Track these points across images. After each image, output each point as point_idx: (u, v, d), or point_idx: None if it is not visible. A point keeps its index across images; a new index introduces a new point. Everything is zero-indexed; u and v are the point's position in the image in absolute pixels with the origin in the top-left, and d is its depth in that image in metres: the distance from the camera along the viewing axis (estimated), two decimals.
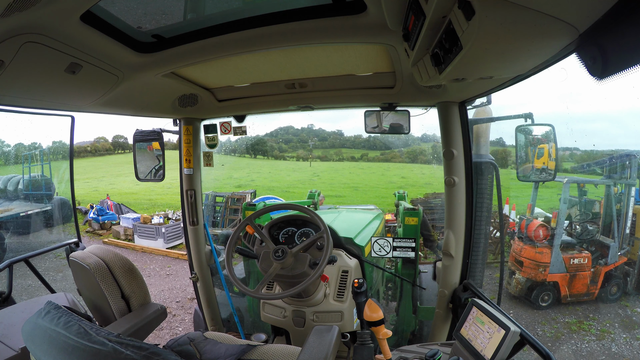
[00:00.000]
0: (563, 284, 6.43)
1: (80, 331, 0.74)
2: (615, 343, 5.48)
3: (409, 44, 1.07)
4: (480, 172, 1.95)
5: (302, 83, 1.89)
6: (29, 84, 1.30)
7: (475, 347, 1.29)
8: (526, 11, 0.64)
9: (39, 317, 0.80)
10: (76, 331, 0.74)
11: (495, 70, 1.00)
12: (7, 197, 10.60)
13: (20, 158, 11.74)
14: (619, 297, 6.65)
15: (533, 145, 1.90)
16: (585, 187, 7.57)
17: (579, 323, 6.01)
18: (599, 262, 6.65)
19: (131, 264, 1.89)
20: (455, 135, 1.82)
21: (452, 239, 1.89)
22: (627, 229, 6.89)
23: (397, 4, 0.99)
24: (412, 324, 3.06)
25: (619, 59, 0.63)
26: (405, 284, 3.00)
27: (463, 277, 1.93)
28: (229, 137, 2.46)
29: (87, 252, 1.82)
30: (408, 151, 38.63)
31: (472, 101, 1.80)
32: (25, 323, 0.81)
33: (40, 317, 0.80)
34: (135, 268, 1.89)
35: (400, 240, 2.27)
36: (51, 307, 0.81)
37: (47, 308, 0.81)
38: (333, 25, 1.22)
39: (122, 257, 1.87)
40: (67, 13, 0.99)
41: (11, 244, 8.68)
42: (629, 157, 7.24)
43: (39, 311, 0.81)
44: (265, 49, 1.38)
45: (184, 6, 1.31)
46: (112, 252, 1.86)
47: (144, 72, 1.51)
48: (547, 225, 6.77)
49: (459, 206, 1.86)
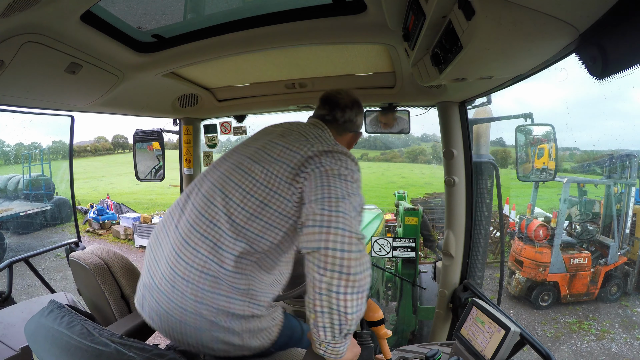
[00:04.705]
0: (563, 283, 6.43)
1: (82, 331, 0.74)
2: (615, 343, 5.48)
3: (409, 44, 1.07)
4: (480, 172, 1.95)
5: (302, 83, 1.89)
6: (29, 84, 1.30)
7: (475, 347, 1.29)
8: (526, 11, 0.64)
9: (41, 315, 0.80)
10: (79, 331, 0.74)
11: (495, 70, 1.00)
12: (7, 197, 10.59)
13: (20, 158, 11.74)
14: (619, 297, 6.66)
15: (533, 145, 1.90)
16: (585, 187, 7.58)
17: (579, 323, 6.01)
18: (599, 262, 6.65)
19: (131, 264, 1.89)
20: (455, 135, 1.82)
21: (452, 239, 1.89)
22: (627, 229, 6.90)
23: (397, 4, 0.99)
24: (412, 324, 3.06)
25: (619, 59, 0.63)
26: (405, 283, 3.01)
27: (463, 277, 1.93)
28: (229, 137, 2.46)
29: (87, 252, 1.82)
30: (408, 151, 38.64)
31: (472, 101, 1.80)
32: (28, 321, 0.80)
33: (43, 316, 0.79)
34: (136, 268, 1.89)
35: (400, 240, 2.28)
36: (54, 306, 0.80)
37: (50, 307, 0.80)
38: (333, 25, 1.22)
39: (122, 257, 1.87)
40: (67, 13, 0.99)
41: (11, 243, 8.69)
42: (629, 157, 7.24)
43: (42, 310, 0.80)
44: (265, 49, 1.38)
45: (184, 6, 1.31)
46: (112, 252, 1.86)
47: (144, 72, 1.51)
48: (547, 225, 6.77)
49: (459, 206, 1.86)
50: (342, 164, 0.97)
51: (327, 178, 0.91)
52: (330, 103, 1.23)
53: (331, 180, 0.91)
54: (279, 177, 0.95)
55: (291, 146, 1.00)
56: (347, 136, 1.26)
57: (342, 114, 1.22)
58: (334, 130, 1.20)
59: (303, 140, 1.04)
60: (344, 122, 1.23)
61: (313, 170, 0.94)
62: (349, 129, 1.25)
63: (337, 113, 1.22)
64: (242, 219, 0.93)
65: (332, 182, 0.90)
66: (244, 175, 0.99)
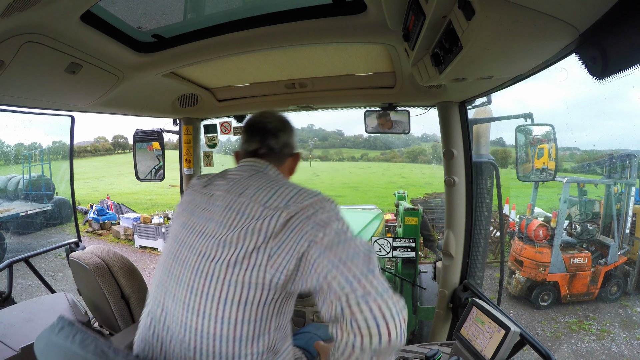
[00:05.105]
0: (563, 283, 6.43)
1: (97, 351, 0.71)
2: (615, 343, 5.48)
3: (409, 44, 1.07)
4: (480, 172, 1.95)
5: (302, 83, 1.89)
6: (29, 84, 1.30)
7: (475, 347, 1.29)
8: (526, 11, 0.64)
9: (52, 332, 0.77)
10: (93, 351, 0.71)
11: (495, 70, 1.00)
12: (7, 197, 10.60)
13: (20, 158, 11.74)
14: (619, 297, 6.66)
15: (533, 145, 1.90)
16: (585, 186, 7.58)
17: (579, 323, 6.01)
18: (599, 261, 6.65)
19: (131, 264, 1.89)
20: (455, 135, 1.82)
21: (452, 239, 1.89)
22: (627, 229, 6.90)
23: (397, 4, 0.99)
24: (412, 324, 3.06)
25: (619, 59, 0.63)
26: (405, 283, 3.01)
27: (463, 277, 1.93)
28: (229, 137, 2.46)
29: (87, 252, 1.82)
30: (408, 151, 38.68)
31: (472, 101, 1.80)
32: (38, 338, 0.78)
33: (54, 334, 0.76)
34: (135, 268, 1.89)
35: (400, 240, 2.28)
36: (65, 323, 0.77)
37: (60, 324, 0.77)
38: (333, 25, 1.22)
39: (122, 257, 1.87)
40: (67, 13, 0.99)
41: (11, 243, 8.69)
42: (629, 156, 7.25)
43: (52, 326, 0.77)
44: (265, 49, 1.38)
45: (184, 6, 1.31)
46: (112, 252, 1.86)
47: (144, 72, 1.51)
48: (547, 225, 6.77)
49: (459, 206, 1.86)
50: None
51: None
52: (259, 132, 1.08)
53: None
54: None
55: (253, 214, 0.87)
56: (287, 163, 1.11)
57: (276, 141, 1.07)
58: (274, 163, 1.05)
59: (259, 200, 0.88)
60: (281, 148, 1.08)
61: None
62: (286, 154, 1.10)
63: (270, 142, 1.07)
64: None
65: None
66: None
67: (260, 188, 0.90)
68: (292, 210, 0.84)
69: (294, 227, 0.82)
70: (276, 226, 0.82)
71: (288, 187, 0.90)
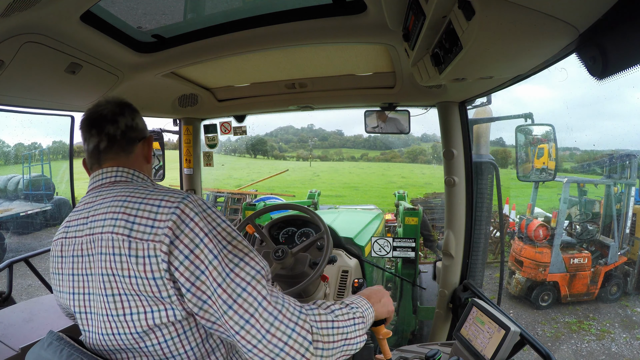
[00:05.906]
0: (563, 283, 6.43)
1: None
2: (615, 343, 5.49)
3: (409, 44, 1.07)
4: (480, 172, 1.95)
5: (302, 83, 1.89)
6: (29, 83, 1.30)
7: (475, 347, 1.29)
8: (526, 11, 0.64)
9: (41, 348, 0.77)
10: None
11: (495, 70, 1.01)
12: (7, 197, 10.60)
13: (20, 158, 11.74)
14: (619, 297, 6.67)
15: (533, 145, 1.90)
16: (585, 187, 7.58)
17: (579, 323, 6.01)
18: (599, 261, 6.66)
19: None
20: (455, 135, 1.82)
21: (452, 239, 1.89)
22: (627, 229, 6.91)
23: (397, 4, 0.99)
24: (412, 324, 3.06)
25: (619, 59, 0.63)
26: (405, 283, 3.01)
27: (463, 277, 1.93)
28: (229, 137, 2.46)
29: None
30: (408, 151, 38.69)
31: (472, 101, 1.80)
32: (29, 353, 0.79)
33: (43, 349, 0.77)
34: None
35: (400, 240, 2.27)
36: (53, 337, 0.77)
37: (49, 339, 0.77)
38: (333, 25, 1.22)
39: None
40: (67, 13, 0.99)
41: (11, 243, 8.69)
42: (629, 157, 7.25)
43: (41, 341, 0.78)
44: (265, 49, 1.38)
45: (184, 6, 1.31)
46: None
47: (144, 72, 1.51)
48: (547, 225, 6.78)
49: (459, 206, 1.86)
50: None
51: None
52: (94, 124, 0.91)
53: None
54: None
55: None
56: (137, 149, 0.96)
57: (115, 127, 0.91)
58: (120, 153, 0.91)
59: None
60: (124, 134, 0.92)
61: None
62: (134, 139, 0.95)
63: (109, 129, 0.90)
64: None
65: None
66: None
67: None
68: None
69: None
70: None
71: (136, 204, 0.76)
